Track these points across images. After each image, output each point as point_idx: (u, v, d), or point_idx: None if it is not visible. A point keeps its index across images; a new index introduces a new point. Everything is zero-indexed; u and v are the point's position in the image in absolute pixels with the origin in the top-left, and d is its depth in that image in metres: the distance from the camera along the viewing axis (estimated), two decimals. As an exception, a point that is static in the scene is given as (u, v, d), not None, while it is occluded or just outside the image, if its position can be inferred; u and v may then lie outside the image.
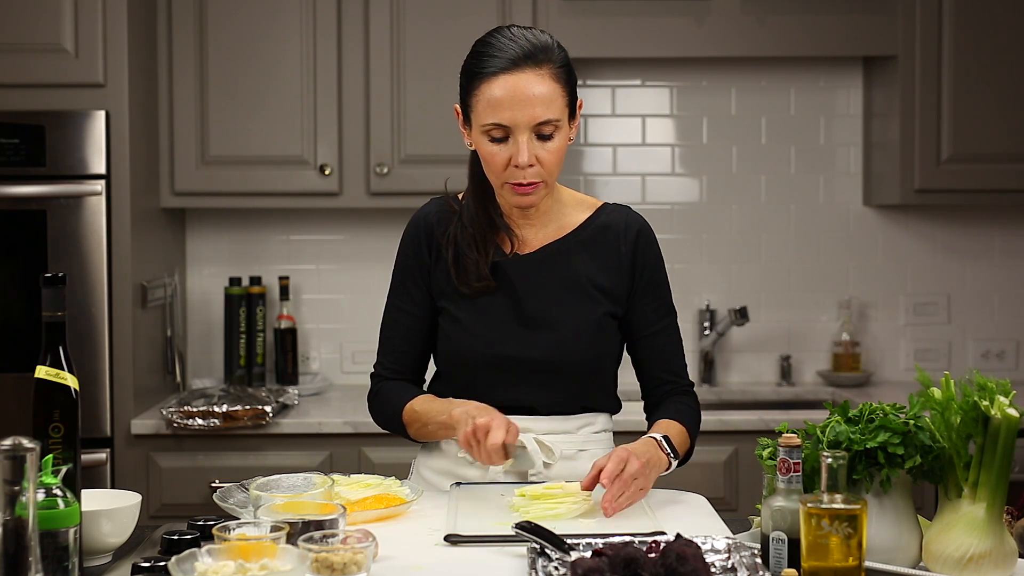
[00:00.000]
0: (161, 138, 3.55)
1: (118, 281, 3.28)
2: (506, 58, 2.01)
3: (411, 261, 2.20)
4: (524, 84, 2.00)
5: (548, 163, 2.04)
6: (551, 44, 2.05)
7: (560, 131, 2.04)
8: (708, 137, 3.97)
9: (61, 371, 1.68)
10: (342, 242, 3.93)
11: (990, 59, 3.61)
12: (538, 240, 2.17)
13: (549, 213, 2.17)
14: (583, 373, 2.15)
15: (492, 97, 2.01)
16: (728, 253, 3.97)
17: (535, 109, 2.00)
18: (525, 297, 2.13)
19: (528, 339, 2.12)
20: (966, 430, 1.63)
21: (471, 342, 2.14)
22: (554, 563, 1.60)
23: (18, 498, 1.41)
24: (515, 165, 2.02)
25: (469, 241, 2.14)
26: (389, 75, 3.56)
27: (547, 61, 2.02)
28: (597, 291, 2.15)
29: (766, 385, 3.95)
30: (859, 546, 1.53)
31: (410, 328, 2.21)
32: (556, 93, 2.02)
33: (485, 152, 2.05)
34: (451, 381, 2.21)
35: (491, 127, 2.02)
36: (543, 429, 2.14)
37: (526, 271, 2.15)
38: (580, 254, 2.16)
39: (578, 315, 2.13)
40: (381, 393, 2.25)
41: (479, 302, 2.14)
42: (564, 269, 2.15)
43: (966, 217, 3.97)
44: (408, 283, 2.20)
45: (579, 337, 2.12)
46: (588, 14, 3.60)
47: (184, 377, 3.79)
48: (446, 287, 2.16)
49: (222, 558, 1.51)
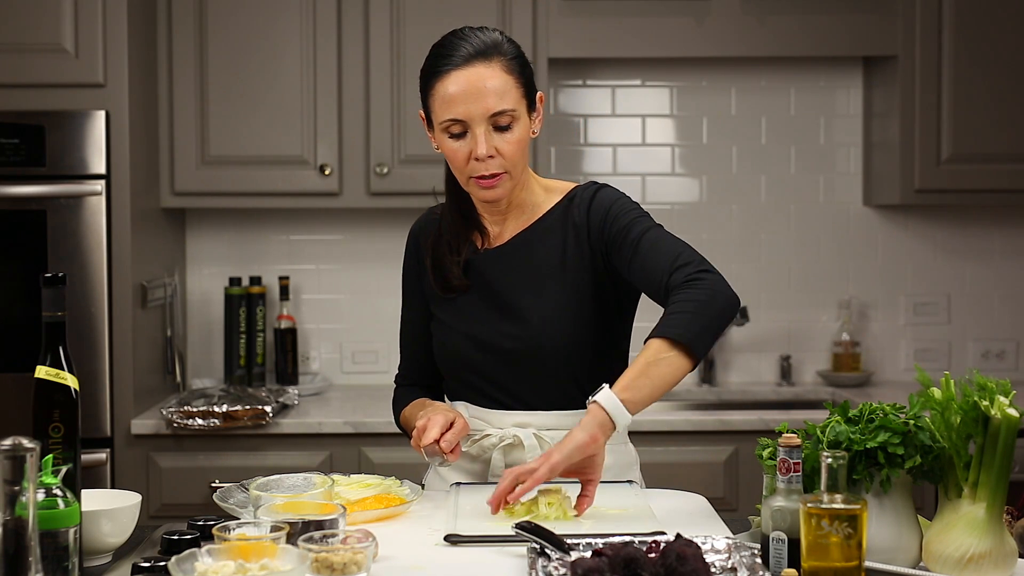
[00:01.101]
0: (161, 138, 3.55)
1: (118, 281, 3.28)
2: (458, 56, 2.07)
3: (408, 272, 2.30)
4: (475, 78, 2.04)
5: (508, 153, 2.06)
6: (500, 40, 2.10)
7: (518, 122, 2.06)
8: (708, 137, 3.97)
9: (61, 371, 1.68)
10: (342, 242, 3.93)
11: (990, 59, 3.61)
12: (508, 233, 2.19)
13: (522, 205, 2.19)
14: (561, 361, 2.12)
15: (446, 93, 2.06)
16: (728, 253, 3.97)
17: (488, 100, 2.03)
18: (496, 290, 2.16)
19: (502, 331, 2.14)
20: (966, 430, 1.63)
21: (454, 341, 2.19)
22: (554, 563, 1.60)
23: (18, 498, 1.41)
24: (475, 158, 2.05)
25: (445, 246, 2.21)
26: (389, 75, 3.56)
27: (497, 54, 2.07)
28: (563, 273, 2.13)
29: (766, 385, 3.95)
30: (859, 546, 1.53)
31: (416, 335, 2.30)
32: (509, 84, 2.06)
33: (447, 150, 2.09)
34: (451, 382, 2.26)
35: (448, 123, 2.06)
36: (542, 424, 2.15)
37: (495, 264, 2.17)
38: (546, 239, 2.16)
39: (544, 303, 2.13)
40: (394, 399, 2.36)
41: (458, 301, 2.19)
42: (530, 257, 2.16)
43: (966, 217, 3.97)
44: (409, 292, 2.31)
45: (546, 323, 2.12)
46: (588, 14, 3.60)
47: (184, 377, 3.79)
48: (432, 293, 2.23)
49: (222, 558, 1.51)
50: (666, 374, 1.89)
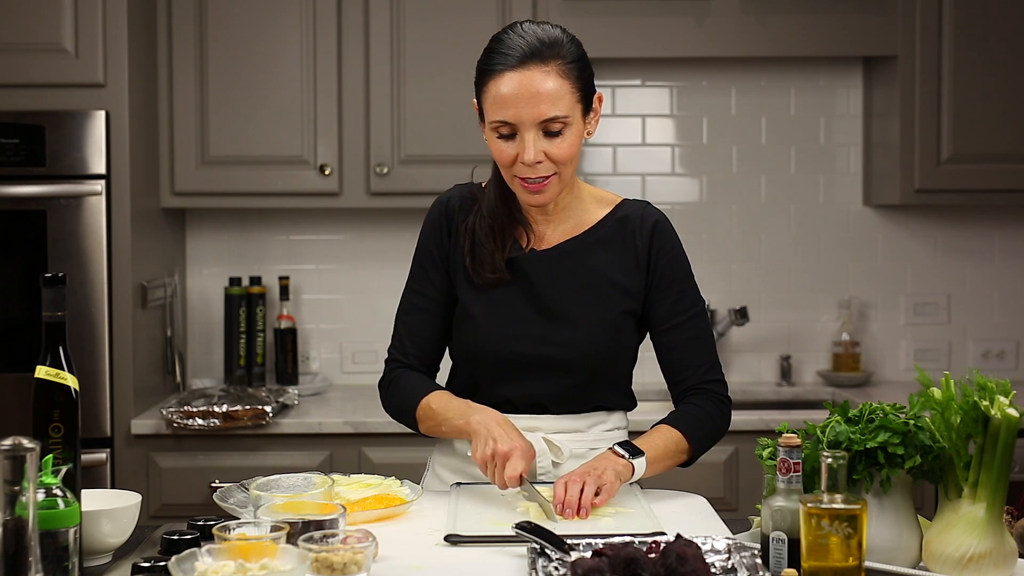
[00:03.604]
0: (161, 138, 3.55)
1: (118, 281, 3.28)
2: (513, 55, 2.00)
3: (432, 245, 2.18)
4: (529, 81, 1.99)
5: (558, 159, 2.02)
6: (561, 39, 2.04)
7: (570, 127, 2.02)
8: (708, 137, 3.97)
9: (61, 371, 1.68)
10: (342, 242, 3.93)
11: (990, 59, 3.61)
12: (556, 236, 2.16)
13: (568, 210, 2.16)
14: (595, 371, 2.14)
15: (499, 95, 2.01)
16: (728, 253, 3.97)
17: (540, 106, 1.99)
18: (540, 293, 2.12)
19: (542, 336, 2.11)
20: (966, 430, 1.63)
21: (484, 337, 2.13)
22: (554, 563, 1.60)
23: (18, 498, 1.41)
24: (522, 162, 2.02)
25: (487, 231, 2.13)
26: (389, 75, 3.56)
27: (554, 57, 2.01)
28: (614, 288, 2.13)
29: (766, 385, 3.95)
30: (859, 546, 1.53)
31: (429, 312, 2.18)
32: (564, 89, 2.01)
33: (494, 149, 2.05)
34: (464, 375, 2.20)
35: (498, 124, 2.02)
36: (553, 427, 2.14)
37: (542, 267, 2.14)
38: (597, 251, 2.14)
39: (593, 313, 2.12)
40: (396, 382, 2.19)
41: (493, 296, 2.13)
42: (580, 266, 2.13)
43: (966, 217, 3.97)
44: (428, 267, 2.18)
45: (593, 335, 2.11)
46: (588, 14, 3.60)
47: (184, 377, 3.79)
48: (463, 276, 2.15)
49: (222, 558, 1.51)
50: (670, 466, 2.10)
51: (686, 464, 2.14)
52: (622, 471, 1.97)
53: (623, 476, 1.97)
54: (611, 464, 1.97)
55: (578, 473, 1.93)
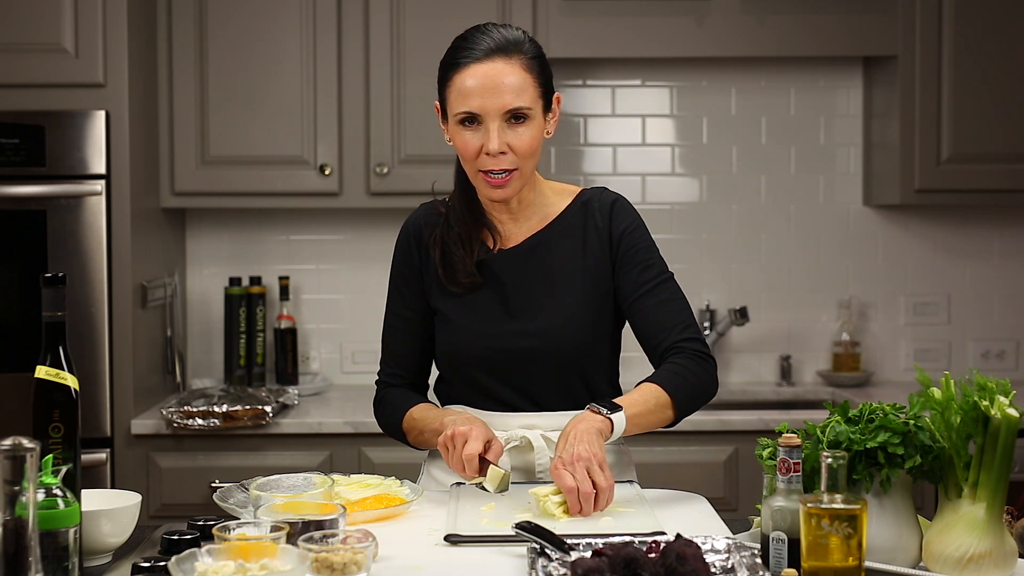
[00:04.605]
0: (161, 138, 3.55)
1: (118, 281, 3.28)
2: (479, 50, 2.07)
3: (404, 267, 2.24)
4: (494, 72, 2.05)
5: (520, 151, 2.06)
6: (522, 38, 2.11)
7: (532, 120, 2.07)
8: (708, 137, 3.97)
9: (61, 371, 1.68)
10: (342, 242, 3.93)
11: (990, 59, 3.61)
12: (522, 233, 2.19)
13: (532, 206, 2.19)
14: (577, 361, 2.15)
15: (464, 86, 2.06)
16: (728, 253, 3.97)
17: (504, 96, 2.04)
18: (512, 291, 2.16)
19: (519, 330, 2.14)
20: (966, 430, 1.63)
21: (463, 339, 2.16)
22: (554, 563, 1.60)
23: (18, 498, 1.41)
24: (486, 152, 2.06)
25: (455, 240, 2.18)
26: (389, 75, 3.56)
27: (517, 52, 2.08)
28: (583, 273, 2.16)
29: (766, 385, 3.95)
30: (859, 546, 1.53)
31: (408, 332, 2.25)
32: (527, 83, 2.06)
33: (459, 141, 2.09)
34: (452, 382, 2.23)
35: (463, 115, 2.07)
36: (550, 424, 2.15)
37: (511, 265, 2.17)
38: (562, 240, 2.18)
39: (566, 300, 2.14)
40: (384, 401, 2.27)
41: (467, 299, 2.17)
42: (548, 257, 2.17)
43: (966, 217, 3.97)
44: (402, 288, 2.24)
45: (569, 322, 2.13)
46: (588, 14, 3.60)
47: (184, 377, 3.79)
48: (437, 288, 2.19)
49: (222, 558, 1.51)
50: (654, 423, 2.05)
51: (673, 423, 2.09)
52: (603, 428, 1.94)
53: (604, 434, 1.94)
54: (590, 424, 1.93)
55: (572, 457, 1.88)
